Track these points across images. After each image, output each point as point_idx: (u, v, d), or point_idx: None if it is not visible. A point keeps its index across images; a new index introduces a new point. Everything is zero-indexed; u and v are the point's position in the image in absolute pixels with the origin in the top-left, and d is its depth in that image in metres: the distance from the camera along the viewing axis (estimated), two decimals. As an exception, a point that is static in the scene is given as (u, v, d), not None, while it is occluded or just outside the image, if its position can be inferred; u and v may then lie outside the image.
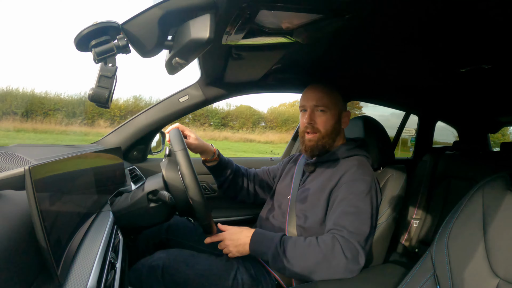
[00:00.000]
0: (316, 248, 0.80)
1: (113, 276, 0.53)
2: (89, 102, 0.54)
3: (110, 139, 1.36)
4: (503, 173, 0.63)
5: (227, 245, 0.89)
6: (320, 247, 0.80)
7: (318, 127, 0.98)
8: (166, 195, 0.78)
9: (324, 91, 0.99)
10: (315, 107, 0.98)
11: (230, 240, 0.88)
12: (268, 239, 0.85)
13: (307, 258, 0.79)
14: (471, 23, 0.75)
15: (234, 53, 0.90)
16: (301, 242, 0.82)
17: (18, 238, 0.41)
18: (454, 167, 1.79)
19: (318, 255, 0.79)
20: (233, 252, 0.88)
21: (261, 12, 0.62)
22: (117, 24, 0.50)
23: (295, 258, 0.80)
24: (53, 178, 0.48)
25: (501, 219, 0.57)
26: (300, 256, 0.80)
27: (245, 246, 0.87)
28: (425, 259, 0.65)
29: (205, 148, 1.05)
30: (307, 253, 0.80)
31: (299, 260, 0.80)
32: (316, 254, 0.79)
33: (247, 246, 0.86)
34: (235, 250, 0.88)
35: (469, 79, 1.31)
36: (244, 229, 0.90)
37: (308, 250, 0.80)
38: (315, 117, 0.98)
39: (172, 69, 0.60)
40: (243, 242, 0.87)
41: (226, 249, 0.89)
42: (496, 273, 0.53)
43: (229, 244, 0.88)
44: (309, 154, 1.01)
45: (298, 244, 0.82)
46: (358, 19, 0.72)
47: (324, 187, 0.93)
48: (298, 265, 0.79)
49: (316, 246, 0.80)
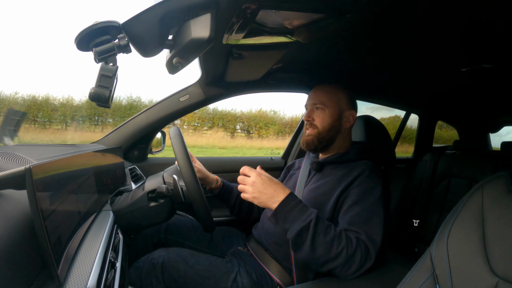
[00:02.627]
0: (344, 242, 0.76)
1: (113, 275, 0.53)
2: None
3: (110, 138, 1.36)
4: (503, 173, 0.63)
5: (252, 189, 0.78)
6: (348, 243, 0.76)
7: (316, 124, 1.00)
8: (163, 188, 0.80)
9: (324, 90, 1.00)
10: (314, 105, 1.01)
11: (261, 185, 0.78)
12: (302, 210, 0.77)
13: (331, 250, 0.75)
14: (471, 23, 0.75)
15: (235, 52, 0.90)
16: (332, 231, 0.77)
17: (18, 238, 0.41)
18: (454, 167, 1.79)
19: (343, 251, 0.75)
20: (251, 198, 0.78)
21: (262, 11, 0.62)
22: (118, 24, 0.50)
23: (321, 245, 0.75)
24: (53, 177, 0.48)
25: (501, 219, 0.57)
26: (327, 244, 0.75)
27: (274, 201, 0.77)
28: (425, 258, 0.65)
29: (205, 176, 1.11)
30: (334, 243, 0.75)
31: (324, 248, 0.75)
32: (341, 248, 0.75)
33: (275, 203, 0.77)
34: (257, 196, 0.77)
35: (470, 78, 1.31)
36: (279, 183, 0.81)
37: (337, 242, 0.76)
38: (314, 114, 1.01)
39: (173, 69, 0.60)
40: (274, 196, 0.77)
41: (247, 191, 0.79)
42: (495, 272, 0.53)
43: (255, 189, 0.78)
44: (305, 148, 1.03)
45: (329, 232, 0.77)
46: (359, 19, 0.72)
47: (334, 188, 0.91)
48: (320, 251, 0.75)
49: (345, 240, 0.76)
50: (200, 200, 0.81)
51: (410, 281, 0.63)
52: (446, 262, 0.60)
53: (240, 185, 0.81)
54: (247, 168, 0.81)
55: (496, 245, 0.55)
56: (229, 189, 1.16)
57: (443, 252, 0.61)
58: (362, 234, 0.80)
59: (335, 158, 0.99)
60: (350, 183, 0.90)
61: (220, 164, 1.66)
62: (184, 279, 0.84)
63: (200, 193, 0.81)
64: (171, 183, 0.85)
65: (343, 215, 0.86)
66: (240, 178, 0.81)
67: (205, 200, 0.83)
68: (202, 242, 1.10)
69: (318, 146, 1.00)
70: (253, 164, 1.80)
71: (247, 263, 0.95)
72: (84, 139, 9.62)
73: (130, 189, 0.97)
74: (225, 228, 1.20)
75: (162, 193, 0.81)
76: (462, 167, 1.75)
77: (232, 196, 1.16)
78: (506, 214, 0.56)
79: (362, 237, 0.79)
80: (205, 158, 1.78)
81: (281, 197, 0.77)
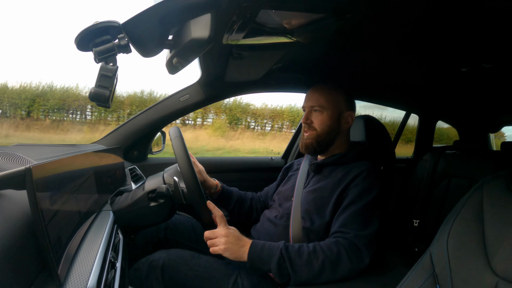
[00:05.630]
0: (321, 254, 0.79)
1: (113, 275, 0.53)
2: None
3: (110, 138, 1.36)
4: (503, 172, 0.63)
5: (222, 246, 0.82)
6: (325, 253, 0.79)
7: (315, 126, 1.00)
8: (163, 188, 0.80)
9: (322, 92, 1.00)
10: (312, 107, 1.00)
11: (229, 242, 0.82)
12: (269, 248, 0.82)
13: (313, 265, 0.78)
14: (471, 23, 0.75)
15: (235, 52, 0.90)
16: (305, 249, 0.81)
17: (18, 238, 0.41)
18: (454, 166, 1.79)
19: (324, 262, 0.78)
20: (225, 249, 0.81)
21: (262, 11, 0.62)
22: (118, 24, 0.50)
23: (300, 266, 0.78)
24: (53, 177, 0.48)
25: (501, 218, 0.57)
26: (306, 263, 0.78)
27: (243, 251, 0.81)
28: (425, 258, 0.65)
29: (205, 179, 1.10)
30: (312, 260, 0.78)
31: (305, 267, 0.78)
32: (321, 260, 0.78)
33: (245, 253, 0.81)
34: (231, 248, 0.81)
35: (469, 78, 1.31)
36: (242, 236, 0.85)
37: (314, 257, 0.79)
38: (312, 117, 1.00)
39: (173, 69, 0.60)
40: (243, 246, 0.82)
41: (218, 248, 0.82)
42: (495, 272, 0.53)
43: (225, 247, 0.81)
44: (305, 151, 1.02)
45: (302, 251, 0.80)
46: (359, 19, 0.72)
47: (333, 190, 0.92)
48: (303, 272, 0.78)
49: (321, 252, 0.79)
50: (200, 201, 0.81)
51: (410, 281, 0.63)
52: (446, 261, 0.60)
53: (209, 241, 0.84)
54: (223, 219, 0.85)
55: (496, 244, 0.55)
56: (229, 193, 1.16)
57: (443, 251, 0.61)
58: (349, 233, 0.81)
59: (334, 159, 0.99)
60: (348, 184, 0.90)
61: (220, 164, 1.66)
62: (184, 281, 0.84)
63: (200, 194, 0.81)
64: (171, 183, 0.85)
65: (338, 216, 0.87)
66: (209, 233, 0.84)
67: (206, 200, 0.83)
68: (202, 242, 1.09)
69: (317, 148, 1.00)
70: (253, 164, 1.79)
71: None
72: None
73: (130, 189, 0.97)
74: None
75: (162, 193, 0.80)
76: (462, 167, 1.75)
77: (231, 200, 1.16)
78: (506, 213, 0.56)
79: (347, 236, 0.81)
80: (204, 158, 1.78)
81: (247, 246, 0.82)
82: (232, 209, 1.16)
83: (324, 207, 0.91)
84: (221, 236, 0.82)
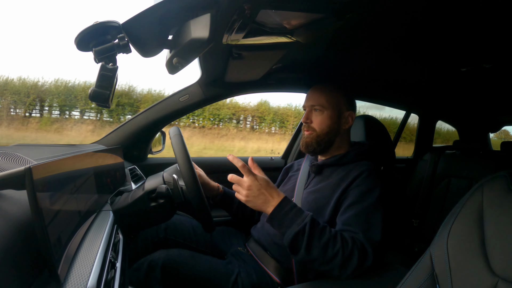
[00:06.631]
0: (339, 244, 0.76)
1: (113, 275, 0.53)
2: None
3: (110, 138, 1.36)
4: (503, 172, 0.63)
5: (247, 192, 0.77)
6: (343, 245, 0.76)
7: (314, 126, 0.99)
8: (163, 188, 0.80)
9: (323, 92, 1.00)
10: (312, 107, 1.00)
11: (257, 189, 0.77)
12: (297, 213, 0.78)
13: (327, 252, 0.75)
14: (471, 23, 0.75)
15: (235, 52, 0.90)
16: (327, 233, 0.77)
17: (18, 238, 0.41)
18: (454, 166, 1.79)
19: (338, 252, 0.75)
20: (245, 201, 0.78)
21: (262, 11, 0.62)
22: (118, 24, 0.50)
23: (315, 248, 0.75)
24: (53, 177, 0.48)
25: (501, 218, 0.57)
26: (322, 247, 0.75)
27: (268, 206, 0.77)
28: (425, 258, 0.64)
29: (206, 183, 1.08)
30: (329, 246, 0.76)
31: (319, 250, 0.75)
32: (336, 250, 0.76)
33: (270, 208, 0.77)
34: (252, 200, 0.77)
35: (469, 78, 1.31)
36: (274, 187, 0.80)
37: (331, 243, 0.76)
38: (312, 116, 1.00)
39: (173, 69, 0.60)
40: (269, 200, 0.77)
41: (241, 194, 0.78)
42: (495, 272, 0.53)
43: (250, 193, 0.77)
44: (305, 150, 1.02)
45: (324, 234, 0.77)
46: (359, 19, 0.72)
47: (334, 190, 0.91)
48: (314, 253, 0.75)
49: (339, 243, 0.76)
50: (200, 200, 0.81)
51: (410, 281, 0.63)
52: (446, 262, 0.60)
53: (234, 185, 0.79)
54: (245, 168, 0.78)
55: (496, 244, 0.55)
56: (230, 196, 1.15)
57: (443, 252, 0.61)
58: (359, 233, 0.80)
59: (334, 160, 0.99)
60: (349, 185, 0.89)
61: (220, 164, 1.66)
62: (184, 281, 0.84)
63: (200, 193, 0.81)
64: (171, 183, 0.85)
65: (341, 215, 0.86)
66: (236, 178, 0.79)
67: (205, 200, 0.83)
68: (202, 242, 1.09)
69: (317, 148, 1.00)
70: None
71: (247, 264, 0.95)
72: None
73: (130, 189, 0.97)
74: (224, 228, 1.20)
75: (162, 193, 0.80)
76: (462, 167, 1.75)
77: (233, 203, 1.14)
78: (506, 214, 0.56)
79: (358, 236, 0.79)
80: (204, 159, 1.78)
81: (276, 202, 0.77)
82: (235, 212, 1.15)
83: (324, 207, 0.91)
84: (244, 188, 0.77)
